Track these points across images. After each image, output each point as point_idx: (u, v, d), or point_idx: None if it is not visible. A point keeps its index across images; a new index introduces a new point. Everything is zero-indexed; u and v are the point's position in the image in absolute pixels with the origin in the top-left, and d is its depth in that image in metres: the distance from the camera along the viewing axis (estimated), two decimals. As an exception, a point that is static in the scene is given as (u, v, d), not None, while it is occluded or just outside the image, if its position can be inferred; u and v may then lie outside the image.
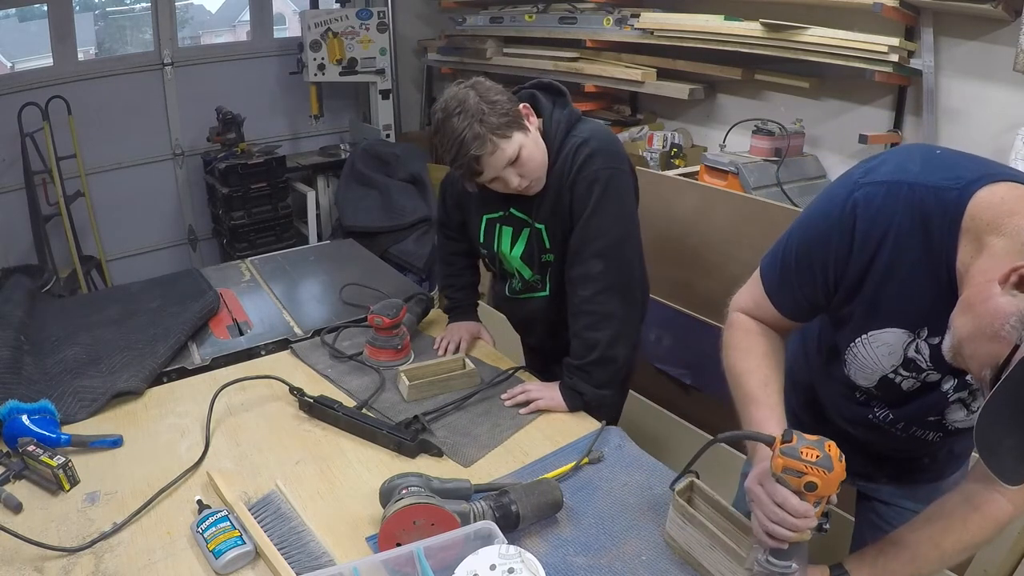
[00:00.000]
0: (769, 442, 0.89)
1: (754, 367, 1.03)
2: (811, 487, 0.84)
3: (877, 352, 0.96)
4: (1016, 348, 0.71)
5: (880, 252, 0.88)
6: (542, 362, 1.77)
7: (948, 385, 0.94)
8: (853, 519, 1.37)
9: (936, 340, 0.89)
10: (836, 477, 0.84)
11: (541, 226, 1.48)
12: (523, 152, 1.36)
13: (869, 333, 0.95)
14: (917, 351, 0.92)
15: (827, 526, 0.89)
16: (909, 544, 0.94)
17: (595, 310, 1.42)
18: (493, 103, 1.34)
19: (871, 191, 0.87)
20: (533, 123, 1.41)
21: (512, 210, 1.51)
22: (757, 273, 1.06)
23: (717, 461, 1.96)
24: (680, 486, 1.09)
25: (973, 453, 1.17)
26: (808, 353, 1.20)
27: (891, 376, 0.97)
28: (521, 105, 1.40)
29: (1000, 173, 0.82)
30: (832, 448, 0.84)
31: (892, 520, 1.24)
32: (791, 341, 1.26)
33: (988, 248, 0.78)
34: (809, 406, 1.21)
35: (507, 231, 1.54)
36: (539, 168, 1.40)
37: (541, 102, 1.46)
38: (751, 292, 1.07)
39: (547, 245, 1.50)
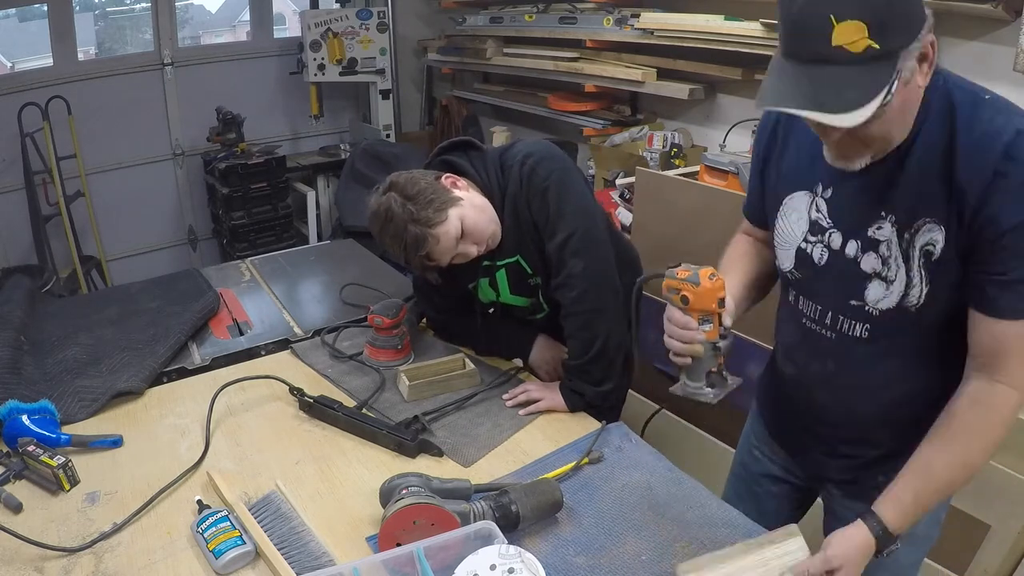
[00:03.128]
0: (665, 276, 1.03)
1: (728, 258, 1.22)
2: (685, 301, 0.99)
3: (790, 222, 1.06)
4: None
5: (777, 127, 1.07)
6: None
7: (852, 250, 0.99)
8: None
9: (829, 192, 1.00)
10: (706, 290, 0.98)
11: (516, 256, 1.49)
12: (465, 223, 1.38)
13: (783, 202, 1.07)
14: (818, 210, 1.02)
15: (721, 345, 1.01)
16: (939, 472, 0.93)
17: (585, 308, 1.43)
18: (414, 197, 1.37)
19: None
20: (463, 187, 1.43)
21: (485, 262, 1.51)
22: None
23: (712, 460, 1.97)
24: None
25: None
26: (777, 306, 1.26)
27: (803, 246, 1.05)
28: (444, 178, 1.43)
29: None
30: (705, 270, 0.99)
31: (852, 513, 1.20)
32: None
33: None
34: (774, 381, 1.27)
35: (500, 278, 1.54)
36: (489, 225, 1.42)
37: (459, 164, 1.49)
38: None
39: (529, 271, 1.51)
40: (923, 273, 0.93)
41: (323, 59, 4.05)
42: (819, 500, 1.32)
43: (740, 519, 1.16)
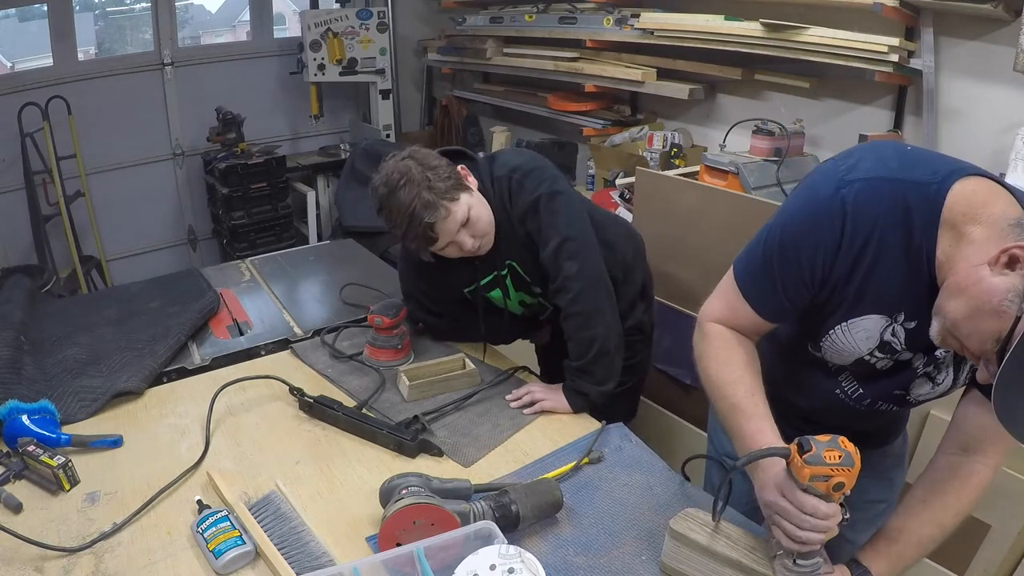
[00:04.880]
0: (786, 455, 0.89)
1: (738, 377, 1.02)
2: (839, 487, 0.86)
3: (855, 338, 1.00)
4: (1018, 319, 0.78)
5: (868, 246, 0.91)
6: (554, 361, 1.77)
7: (919, 362, 1.01)
8: None
9: (912, 324, 0.95)
10: (857, 470, 0.86)
11: (511, 262, 1.51)
12: (472, 212, 1.40)
13: (850, 321, 0.98)
14: (893, 334, 0.98)
15: (848, 516, 0.91)
16: (914, 529, 0.99)
17: (582, 309, 1.44)
18: (435, 169, 1.37)
19: (859, 187, 0.91)
20: (473, 183, 1.44)
21: (487, 279, 1.54)
22: (728, 280, 1.06)
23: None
24: (677, 519, 1.05)
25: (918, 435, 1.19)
26: (773, 336, 1.18)
27: (867, 358, 1.02)
28: (459, 167, 1.44)
29: (968, 168, 0.90)
30: (847, 444, 0.86)
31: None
32: None
33: (967, 236, 0.84)
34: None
35: (495, 293, 1.58)
36: (488, 226, 1.44)
37: (467, 163, 1.50)
38: (724, 299, 1.07)
39: (527, 278, 1.53)
40: (966, 373, 1.01)
41: (323, 59, 4.05)
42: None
43: (740, 519, 1.15)
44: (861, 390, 1.10)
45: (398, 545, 0.99)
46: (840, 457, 0.85)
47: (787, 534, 0.91)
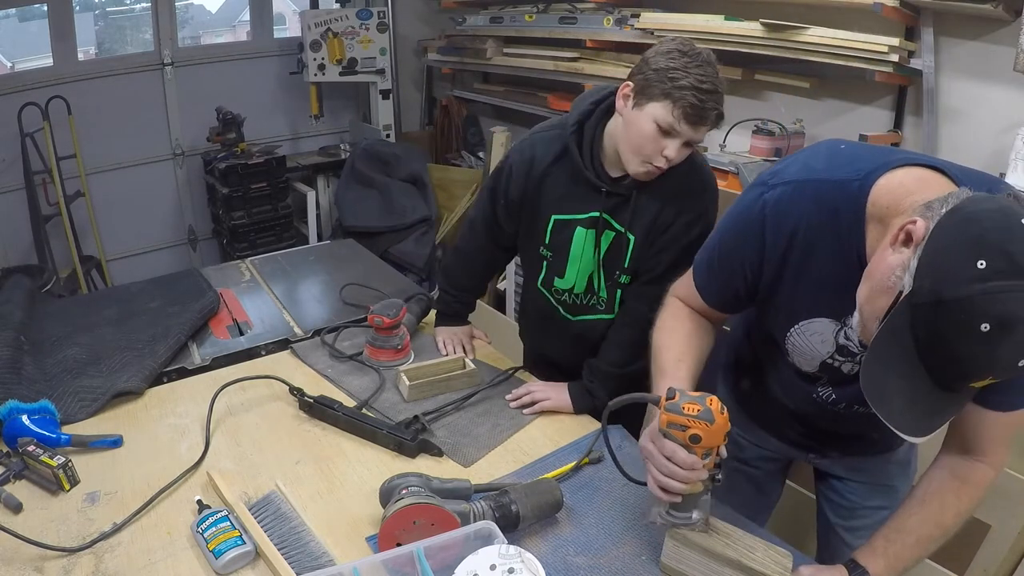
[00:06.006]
0: (655, 401, 0.95)
1: (672, 344, 1.09)
2: (695, 439, 0.90)
3: (811, 341, 1.01)
4: (899, 294, 0.76)
5: (791, 249, 0.94)
6: (552, 374, 1.61)
7: None
8: (814, 497, 1.41)
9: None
10: (719, 429, 0.90)
11: (631, 237, 1.39)
12: (695, 146, 1.30)
13: (798, 324, 1.00)
14: (847, 338, 0.98)
15: (720, 477, 0.95)
16: (912, 529, 0.97)
17: (653, 326, 1.32)
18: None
19: (779, 192, 0.93)
20: None
21: (594, 214, 1.41)
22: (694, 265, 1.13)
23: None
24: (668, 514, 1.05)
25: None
26: (751, 337, 1.23)
27: (829, 361, 1.02)
28: None
29: (898, 159, 0.88)
30: (713, 402, 0.90)
31: (848, 494, 1.29)
32: (737, 326, 1.32)
33: (891, 228, 0.82)
34: (755, 387, 1.25)
35: (589, 234, 1.43)
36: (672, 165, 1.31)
37: None
38: (686, 282, 1.13)
39: (626, 264, 1.42)
40: None
41: (323, 59, 4.05)
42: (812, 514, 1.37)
43: (739, 519, 1.15)
44: (834, 395, 1.09)
45: (398, 545, 0.99)
46: (699, 411, 0.89)
47: (652, 478, 0.96)
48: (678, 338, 1.10)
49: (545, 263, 1.52)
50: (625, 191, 1.38)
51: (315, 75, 4.09)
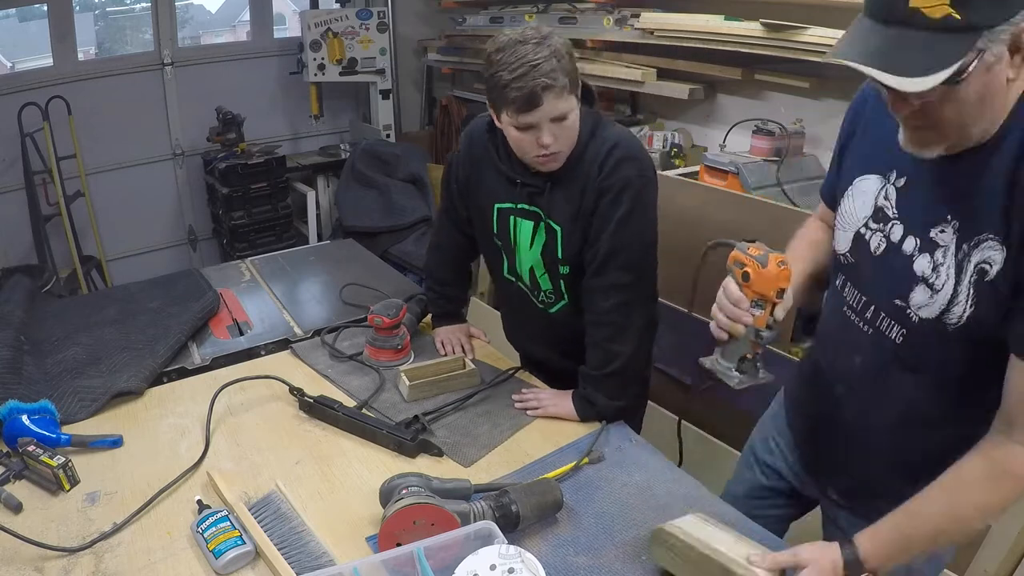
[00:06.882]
0: (744, 249, 1.03)
1: (794, 246, 1.21)
2: (746, 277, 0.99)
3: (856, 203, 1.03)
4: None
5: (865, 102, 1.04)
6: (545, 379, 1.63)
7: (909, 247, 0.94)
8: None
9: (902, 181, 0.96)
10: (769, 275, 0.97)
11: (557, 228, 1.40)
12: (570, 117, 1.28)
13: (853, 183, 1.04)
14: (886, 197, 0.99)
15: (765, 334, 1.01)
16: (926, 517, 0.91)
17: (618, 321, 1.39)
18: (570, 56, 1.25)
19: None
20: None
21: (523, 205, 1.43)
22: None
23: (714, 460, 1.97)
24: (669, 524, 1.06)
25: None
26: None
27: (863, 231, 1.03)
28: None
29: None
30: (776, 256, 0.99)
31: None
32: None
33: None
34: (809, 379, 1.23)
35: (526, 225, 1.45)
36: (569, 146, 1.33)
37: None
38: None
39: (560, 255, 1.42)
40: (971, 291, 0.86)
41: (323, 59, 4.05)
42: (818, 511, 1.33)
43: (739, 519, 1.16)
44: (863, 296, 1.03)
45: (398, 545, 0.99)
46: (758, 254, 0.99)
47: (713, 315, 1.03)
48: (799, 241, 1.22)
49: (503, 252, 1.55)
50: (540, 183, 1.39)
51: (315, 75, 4.09)
